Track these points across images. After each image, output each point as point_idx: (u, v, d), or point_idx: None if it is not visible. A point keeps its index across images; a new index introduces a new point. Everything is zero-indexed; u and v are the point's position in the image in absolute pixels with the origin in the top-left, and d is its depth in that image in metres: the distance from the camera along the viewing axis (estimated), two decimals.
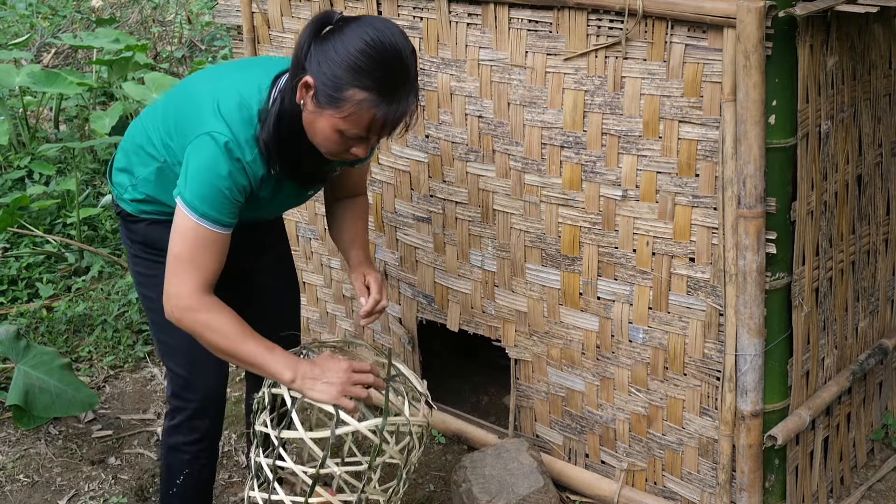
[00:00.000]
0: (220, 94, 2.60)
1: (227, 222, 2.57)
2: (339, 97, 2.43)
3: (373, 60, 2.41)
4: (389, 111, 2.46)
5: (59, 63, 8.18)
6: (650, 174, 2.92)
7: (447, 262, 3.50)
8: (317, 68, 2.45)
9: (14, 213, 5.22)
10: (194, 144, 2.55)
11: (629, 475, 3.28)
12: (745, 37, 2.59)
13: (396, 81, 2.45)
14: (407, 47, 2.48)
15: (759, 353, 2.85)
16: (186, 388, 2.89)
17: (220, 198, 2.53)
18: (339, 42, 2.44)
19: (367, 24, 2.46)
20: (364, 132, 2.49)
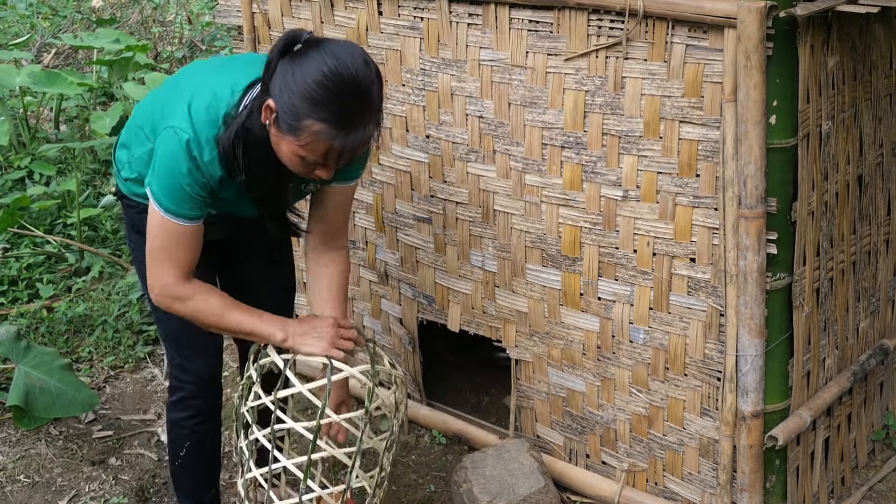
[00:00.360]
0: (196, 90, 2.66)
1: (193, 215, 2.64)
2: (297, 126, 2.47)
3: (329, 92, 2.44)
4: (347, 141, 2.49)
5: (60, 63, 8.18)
6: (651, 174, 2.91)
7: (448, 262, 3.50)
8: (278, 94, 2.48)
9: (14, 213, 5.22)
10: (160, 137, 2.64)
11: (630, 476, 3.28)
12: (745, 37, 2.59)
13: (353, 112, 2.48)
14: (367, 75, 2.49)
15: (759, 354, 2.85)
16: (182, 370, 3.02)
17: (181, 193, 2.60)
18: (298, 70, 2.46)
19: (328, 52, 2.46)
20: (322, 159, 2.54)
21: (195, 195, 2.62)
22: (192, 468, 3.13)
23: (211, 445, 3.14)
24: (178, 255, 2.67)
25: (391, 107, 3.47)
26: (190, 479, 3.16)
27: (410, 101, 3.40)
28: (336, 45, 2.50)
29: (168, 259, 2.66)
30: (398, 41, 3.36)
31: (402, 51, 3.36)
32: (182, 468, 3.13)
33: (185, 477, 3.15)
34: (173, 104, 2.67)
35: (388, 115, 3.48)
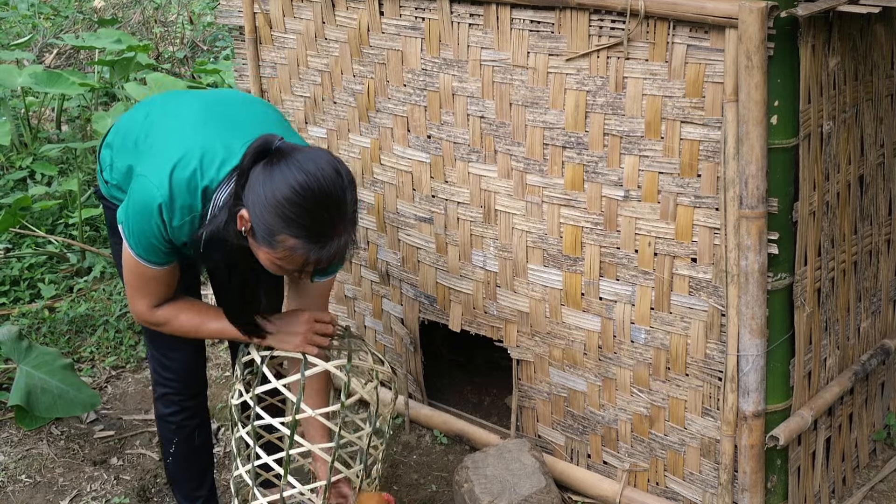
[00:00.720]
0: (185, 148, 2.62)
1: (162, 262, 2.68)
2: (272, 240, 2.48)
3: (300, 208, 2.44)
4: (322, 253, 2.50)
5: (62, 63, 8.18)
6: (652, 174, 2.92)
7: (449, 262, 3.50)
8: (251, 207, 2.47)
9: (16, 213, 5.22)
10: (136, 184, 2.63)
11: (631, 475, 3.28)
12: (746, 37, 2.59)
13: (326, 225, 2.48)
14: (338, 185, 2.48)
15: (760, 354, 2.85)
16: (163, 366, 3.05)
17: (149, 244, 2.64)
18: (269, 185, 2.44)
19: (297, 165, 2.44)
20: (299, 269, 2.55)
21: (162, 248, 2.64)
22: (183, 463, 3.15)
23: (200, 440, 3.15)
24: (152, 291, 2.73)
25: (392, 107, 3.47)
26: (183, 475, 3.18)
27: (412, 101, 3.40)
28: (305, 156, 2.47)
29: (143, 294, 2.73)
30: (399, 41, 3.36)
31: (404, 51, 3.36)
32: (174, 464, 3.15)
33: (178, 473, 3.18)
34: (157, 144, 2.65)
35: (390, 115, 3.49)
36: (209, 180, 2.59)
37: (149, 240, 2.62)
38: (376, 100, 3.51)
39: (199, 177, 2.59)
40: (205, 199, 2.60)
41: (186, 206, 2.59)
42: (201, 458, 3.18)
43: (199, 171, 2.59)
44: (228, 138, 2.64)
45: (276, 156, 2.48)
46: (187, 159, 2.60)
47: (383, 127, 3.53)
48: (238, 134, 2.66)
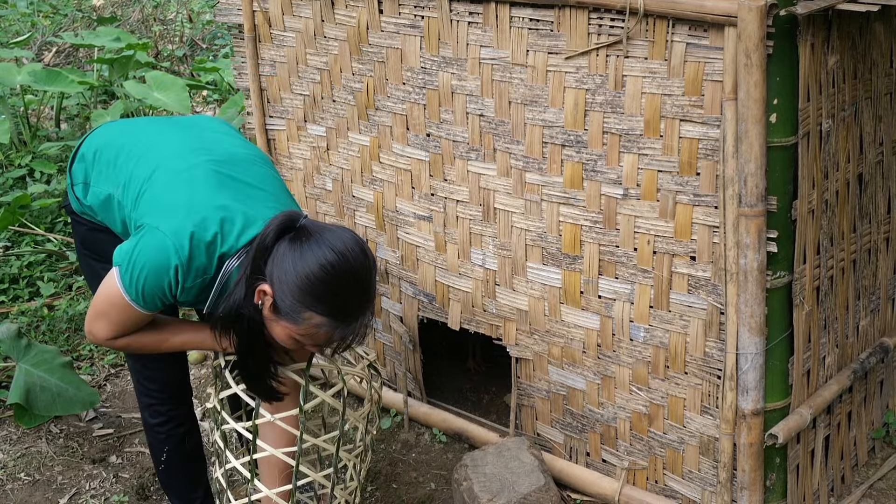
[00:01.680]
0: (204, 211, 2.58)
1: (154, 309, 2.66)
2: (297, 317, 2.49)
3: (329, 287, 2.45)
4: (347, 331, 2.53)
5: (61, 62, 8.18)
6: (651, 173, 2.92)
7: (448, 260, 3.50)
8: (277, 283, 2.47)
9: (15, 211, 5.22)
10: (150, 237, 2.57)
11: (630, 474, 3.28)
12: (746, 35, 2.59)
13: (352, 304, 2.51)
14: (366, 267, 2.51)
15: (759, 352, 2.85)
16: (147, 378, 3.03)
17: (153, 296, 2.61)
18: (298, 261, 2.45)
19: (327, 244, 2.46)
20: (319, 345, 2.57)
21: (165, 300, 2.63)
22: (176, 470, 3.14)
23: (191, 445, 3.14)
24: (125, 327, 2.69)
25: (392, 105, 3.47)
26: (176, 481, 3.17)
27: (411, 99, 3.40)
28: (333, 235, 2.49)
29: (111, 326, 2.68)
30: (399, 39, 3.36)
31: (403, 49, 3.36)
32: (167, 472, 3.14)
33: (171, 479, 3.17)
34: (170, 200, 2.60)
35: (389, 113, 3.49)
36: (228, 247, 2.59)
37: (155, 293, 2.59)
38: (375, 98, 3.51)
39: (219, 242, 2.58)
40: (219, 265, 2.60)
41: (202, 268, 2.58)
42: (193, 462, 3.17)
43: (220, 237, 2.58)
44: (246, 206, 2.63)
45: (303, 233, 2.49)
46: (207, 223, 2.57)
47: (382, 125, 3.53)
48: (254, 203, 2.65)
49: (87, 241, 2.93)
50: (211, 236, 2.56)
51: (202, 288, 2.63)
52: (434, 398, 3.87)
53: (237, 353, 2.69)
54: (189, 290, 2.61)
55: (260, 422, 2.72)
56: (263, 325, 2.58)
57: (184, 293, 2.61)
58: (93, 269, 2.95)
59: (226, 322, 2.60)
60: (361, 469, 2.98)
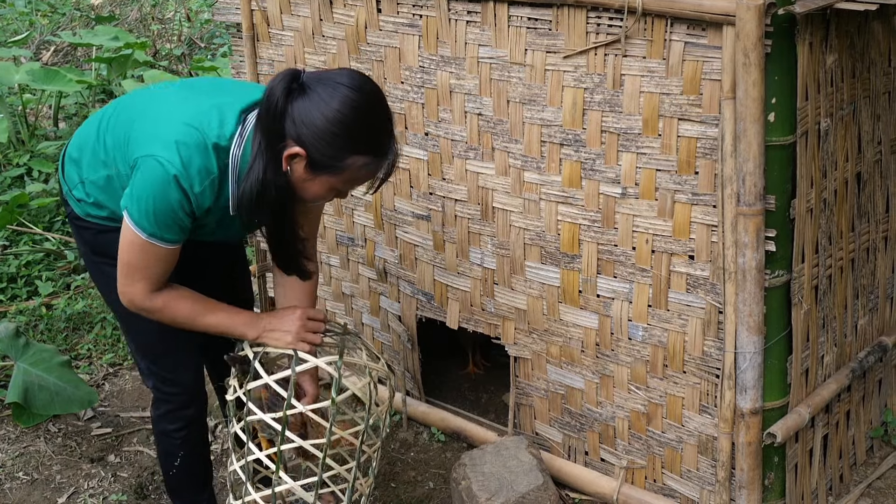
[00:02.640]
0: (179, 122, 2.57)
1: (177, 239, 2.61)
2: (339, 165, 2.47)
3: (362, 123, 2.45)
4: (387, 166, 2.55)
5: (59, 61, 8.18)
6: (650, 172, 2.92)
7: (447, 259, 3.50)
8: (309, 139, 2.44)
9: (13, 210, 5.22)
10: (143, 166, 2.55)
11: (629, 473, 3.28)
12: (744, 34, 2.59)
13: (385, 135, 2.52)
14: (380, 94, 2.54)
15: (758, 351, 2.85)
16: (166, 382, 2.96)
17: (168, 220, 2.56)
18: (324, 108, 2.42)
19: (342, 85, 2.44)
20: (361, 185, 2.59)
21: (182, 223, 2.58)
22: (186, 475, 3.09)
23: (203, 448, 3.12)
24: (155, 271, 2.63)
25: (390, 104, 3.45)
26: (185, 485, 3.12)
27: (409, 98, 3.40)
28: (341, 76, 2.47)
29: (145, 275, 2.63)
30: (397, 39, 3.36)
31: (401, 48, 3.36)
32: (177, 477, 3.09)
33: (180, 484, 3.12)
34: (147, 131, 2.60)
35: None
36: (216, 137, 2.55)
37: (168, 216, 2.54)
38: None
39: (204, 138, 2.54)
40: (218, 158, 2.56)
41: (203, 169, 2.54)
42: (203, 465, 3.14)
43: (202, 133, 2.54)
44: (215, 99, 2.62)
45: (311, 85, 2.45)
46: (186, 129, 2.55)
47: None
48: (220, 94, 2.64)
49: (97, 245, 2.85)
50: (196, 135, 2.54)
51: (218, 190, 2.58)
52: (432, 397, 3.87)
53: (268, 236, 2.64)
54: (202, 195, 2.55)
55: (291, 412, 2.68)
56: (293, 193, 2.54)
57: (198, 200, 2.56)
58: (106, 274, 2.85)
59: (252, 203, 2.53)
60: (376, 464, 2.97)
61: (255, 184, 2.51)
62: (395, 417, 3.85)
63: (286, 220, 2.63)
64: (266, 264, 4.00)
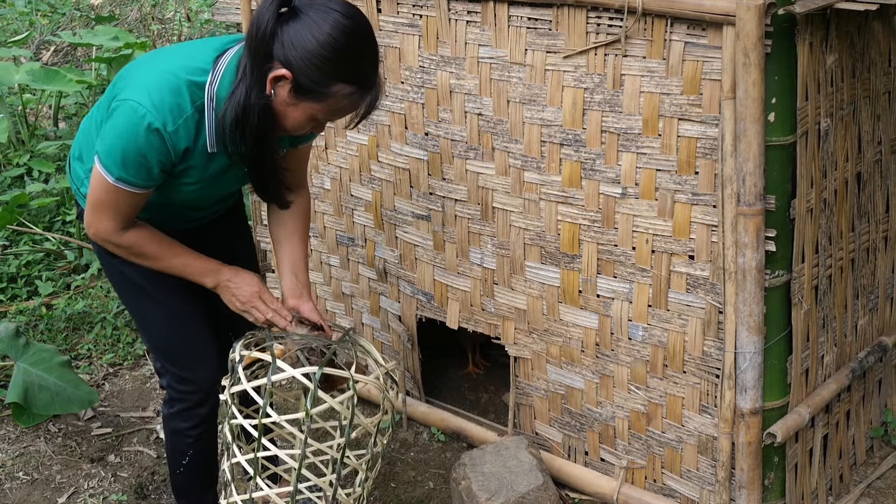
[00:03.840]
0: (153, 69, 2.57)
1: (144, 184, 2.58)
2: (324, 91, 2.44)
3: (352, 51, 2.41)
4: (371, 100, 2.51)
5: (59, 61, 8.18)
6: (650, 172, 2.92)
7: (446, 259, 3.50)
8: (297, 61, 2.40)
9: (13, 210, 5.22)
10: (116, 111, 2.54)
11: (629, 473, 3.28)
12: (744, 34, 2.59)
13: (371, 68, 2.49)
14: (369, 25, 2.50)
15: (758, 351, 2.85)
16: (182, 381, 2.94)
17: (136, 164, 2.53)
18: (316, 31, 2.39)
19: (333, 10, 2.41)
20: (338, 118, 2.56)
21: (150, 167, 2.55)
22: (194, 474, 3.08)
23: (212, 447, 3.10)
24: (122, 212, 2.62)
25: (390, 104, 3.47)
26: (193, 485, 3.11)
27: (409, 98, 3.40)
28: (333, 1, 2.44)
29: (113, 213, 2.61)
30: (397, 38, 3.36)
31: (401, 48, 3.36)
32: (184, 475, 3.08)
33: (187, 483, 3.11)
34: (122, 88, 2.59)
35: (388, 112, 3.49)
36: (189, 75, 2.53)
37: (137, 159, 2.51)
38: None
39: (176, 79, 2.52)
40: (192, 95, 2.53)
41: (175, 106, 2.51)
42: (211, 465, 3.11)
43: (174, 76, 2.52)
44: (188, 49, 2.63)
45: (301, 8, 2.42)
46: (159, 73, 2.54)
47: (381, 124, 3.52)
48: (194, 45, 2.64)
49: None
50: (168, 78, 2.52)
51: (195, 131, 2.55)
52: (432, 397, 3.87)
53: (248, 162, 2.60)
54: (175, 133, 2.52)
55: (267, 421, 2.63)
56: (274, 119, 2.51)
57: (175, 143, 2.53)
58: (121, 272, 2.86)
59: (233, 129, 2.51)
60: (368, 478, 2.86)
61: (237, 107, 2.49)
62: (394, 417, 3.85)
63: (266, 148, 2.58)
64: (267, 264, 4.00)
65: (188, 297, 2.89)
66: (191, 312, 2.89)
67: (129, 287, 2.89)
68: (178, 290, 2.86)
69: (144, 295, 2.88)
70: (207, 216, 2.95)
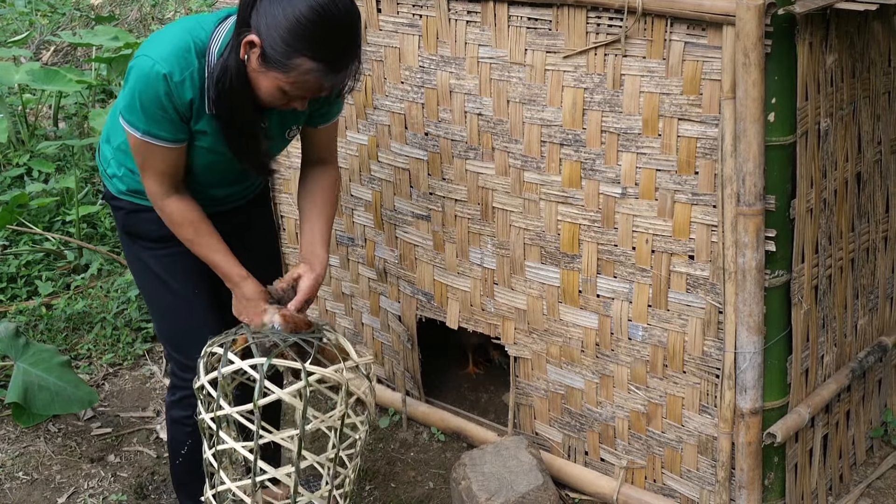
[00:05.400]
0: (159, 34, 2.69)
1: (171, 137, 2.66)
2: (287, 63, 2.48)
3: (321, 29, 2.44)
4: (336, 79, 2.53)
5: (59, 61, 8.18)
6: (650, 172, 2.92)
7: (446, 259, 3.50)
8: (264, 30, 2.47)
9: (13, 210, 5.22)
10: (131, 67, 2.64)
11: (629, 473, 3.28)
12: (744, 34, 2.59)
13: (343, 50, 2.50)
14: (354, 11, 2.52)
15: (758, 351, 2.85)
16: (185, 369, 2.98)
17: (156, 114, 2.62)
18: (287, 4, 2.44)
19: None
20: (307, 95, 2.57)
21: (171, 117, 2.63)
22: (193, 466, 3.09)
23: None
24: (163, 168, 2.69)
25: (390, 104, 3.47)
26: (191, 478, 3.13)
27: (409, 98, 3.40)
28: None
29: (155, 173, 2.71)
30: (397, 38, 3.36)
31: (401, 48, 3.36)
32: (183, 466, 3.11)
33: (186, 475, 3.13)
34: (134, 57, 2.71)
35: (388, 112, 3.49)
36: (196, 38, 2.62)
37: (156, 108, 2.60)
38: (374, 97, 3.51)
39: (188, 39, 2.61)
40: (198, 55, 2.61)
41: (183, 58, 2.59)
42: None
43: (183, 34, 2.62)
44: (195, 18, 2.70)
45: None
46: (168, 35, 2.64)
47: (381, 124, 3.52)
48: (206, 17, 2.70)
49: (127, 225, 2.92)
50: (179, 39, 2.61)
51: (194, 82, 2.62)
52: (432, 397, 3.87)
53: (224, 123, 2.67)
54: (181, 84, 2.59)
55: (220, 413, 2.63)
56: (247, 84, 2.57)
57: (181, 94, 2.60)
58: (139, 257, 2.93)
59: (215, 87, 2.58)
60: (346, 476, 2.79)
61: (219, 67, 2.58)
62: (394, 417, 3.85)
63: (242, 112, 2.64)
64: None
65: (201, 288, 2.94)
66: (200, 303, 2.92)
67: (143, 272, 2.95)
68: (191, 280, 2.91)
69: (158, 281, 2.93)
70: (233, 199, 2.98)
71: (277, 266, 3.31)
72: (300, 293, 2.83)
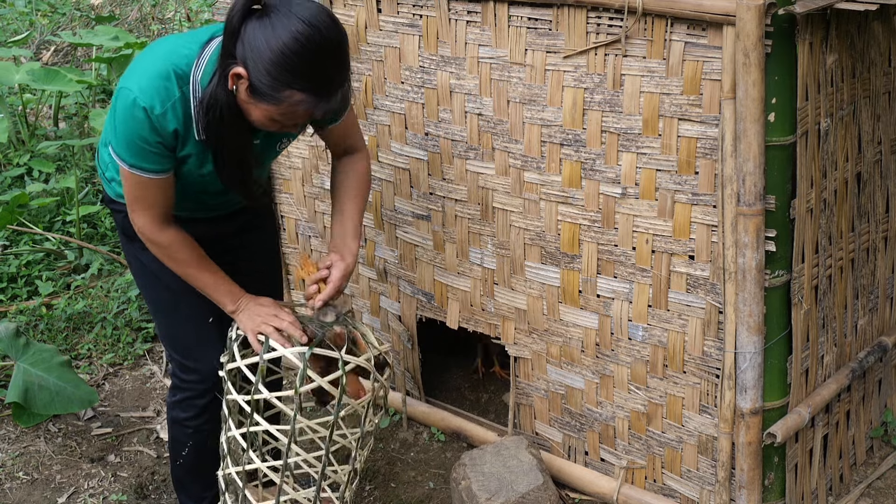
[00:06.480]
0: (143, 57, 2.67)
1: (158, 169, 2.65)
2: (276, 96, 2.46)
3: (305, 60, 2.42)
4: (328, 106, 2.52)
5: (59, 61, 8.18)
6: (650, 172, 2.92)
7: (447, 259, 3.50)
8: (251, 63, 2.45)
9: (14, 210, 5.22)
10: (115, 99, 2.65)
11: (629, 473, 3.28)
12: (744, 34, 2.59)
13: (332, 77, 2.49)
14: (338, 34, 2.49)
15: (758, 351, 2.85)
16: (185, 370, 2.99)
17: (139, 149, 2.61)
18: (270, 36, 2.41)
19: (296, 16, 2.42)
20: (300, 121, 2.57)
21: (152, 150, 2.61)
22: (194, 467, 3.10)
23: (213, 443, 3.09)
24: (152, 201, 2.69)
25: (390, 104, 3.47)
26: (192, 479, 3.13)
27: (409, 98, 3.40)
28: (300, 7, 2.45)
29: (144, 205, 2.70)
30: (397, 39, 3.36)
31: (401, 48, 3.36)
32: (184, 468, 3.11)
33: (186, 476, 3.13)
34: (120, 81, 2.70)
35: (388, 112, 3.49)
36: (177, 65, 2.59)
37: (138, 142, 2.59)
38: (374, 97, 3.51)
39: (165, 65, 2.59)
40: (180, 83, 2.59)
41: (163, 89, 2.57)
42: (211, 460, 3.09)
43: (164, 61, 2.60)
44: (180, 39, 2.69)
45: (270, 9, 2.44)
46: (153, 60, 2.62)
47: (381, 124, 3.53)
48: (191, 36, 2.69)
49: (126, 228, 2.91)
50: (159, 63, 2.59)
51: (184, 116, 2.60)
52: (432, 397, 3.87)
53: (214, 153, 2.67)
54: (163, 116, 2.58)
55: (258, 397, 2.68)
56: (238, 114, 2.56)
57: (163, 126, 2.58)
58: (138, 258, 2.93)
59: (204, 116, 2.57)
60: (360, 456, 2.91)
61: (208, 96, 2.56)
62: (394, 417, 3.85)
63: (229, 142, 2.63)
64: None
65: None
66: (201, 304, 2.92)
67: (144, 273, 2.96)
68: None
69: (158, 282, 2.94)
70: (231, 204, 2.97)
71: (277, 266, 3.32)
72: (330, 284, 2.84)
